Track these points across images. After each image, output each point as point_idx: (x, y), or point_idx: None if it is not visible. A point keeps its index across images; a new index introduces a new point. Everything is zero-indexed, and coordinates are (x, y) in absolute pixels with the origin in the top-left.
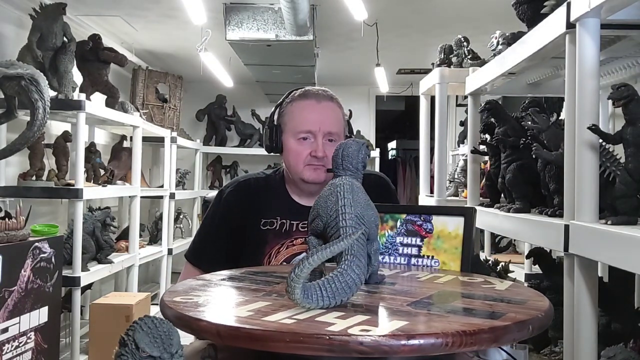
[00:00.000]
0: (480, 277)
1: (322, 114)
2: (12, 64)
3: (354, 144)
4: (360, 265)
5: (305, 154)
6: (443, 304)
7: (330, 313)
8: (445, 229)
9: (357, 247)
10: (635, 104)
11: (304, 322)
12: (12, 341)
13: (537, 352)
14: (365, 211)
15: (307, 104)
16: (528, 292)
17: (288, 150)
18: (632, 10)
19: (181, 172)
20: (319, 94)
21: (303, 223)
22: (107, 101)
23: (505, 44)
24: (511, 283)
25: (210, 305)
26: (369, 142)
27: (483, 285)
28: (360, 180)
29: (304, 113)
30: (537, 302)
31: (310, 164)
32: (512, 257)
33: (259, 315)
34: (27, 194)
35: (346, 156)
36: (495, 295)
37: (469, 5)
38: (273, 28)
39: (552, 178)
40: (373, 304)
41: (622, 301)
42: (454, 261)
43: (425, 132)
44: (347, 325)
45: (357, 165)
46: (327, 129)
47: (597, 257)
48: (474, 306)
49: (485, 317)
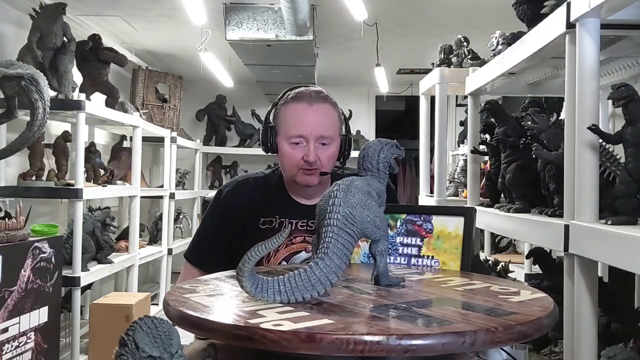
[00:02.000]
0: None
1: (314, 118)
2: (12, 64)
3: (374, 144)
4: (331, 264)
5: (298, 159)
6: (397, 310)
7: (280, 308)
8: (445, 229)
9: (333, 245)
10: (635, 104)
11: (252, 316)
12: (12, 341)
13: (537, 352)
14: (357, 211)
15: (299, 107)
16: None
17: (282, 154)
18: (632, 10)
19: (181, 172)
20: (311, 95)
21: (302, 222)
22: (107, 101)
23: (505, 44)
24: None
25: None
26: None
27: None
28: (384, 181)
29: (295, 117)
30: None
31: (303, 168)
32: (512, 257)
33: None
34: (27, 194)
35: (365, 156)
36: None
37: (469, 5)
38: (273, 28)
39: (552, 178)
40: (342, 303)
41: (622, 301)
42: (454, 261)
43: (425, 132)
44: (272, 318)
45: (378, 165)
46: (319, 132)
47: (597, 257)
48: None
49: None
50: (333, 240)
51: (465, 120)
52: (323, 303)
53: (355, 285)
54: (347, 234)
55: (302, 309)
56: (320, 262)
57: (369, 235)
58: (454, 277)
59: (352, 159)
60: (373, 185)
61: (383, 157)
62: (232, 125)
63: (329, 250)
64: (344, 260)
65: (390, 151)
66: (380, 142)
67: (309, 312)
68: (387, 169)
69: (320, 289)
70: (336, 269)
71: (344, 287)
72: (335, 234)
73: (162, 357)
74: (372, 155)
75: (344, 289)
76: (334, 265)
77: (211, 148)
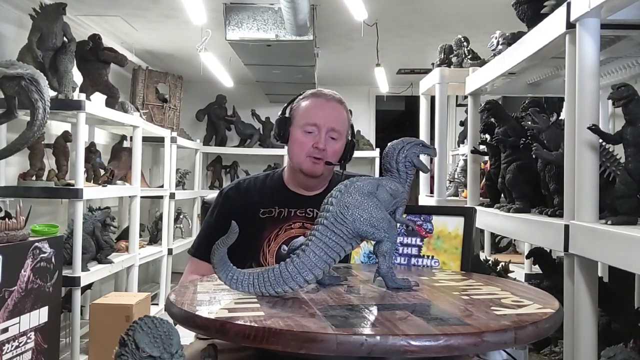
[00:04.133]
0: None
1: (329, 112)
2: (12, 64)
3: (394, 143)
4: (307, 262)
5: (308, 146)
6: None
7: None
8: (445, 229)
9: (313, 244)
10: (635, 104)
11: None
12: (12, 341)
13: (537, 352)
14: (349, 211)
15: (317, 101)
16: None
17: (293, 141)
18: (632, 10)
19: (181, 172)
20: (329, 95)
21: (300, 210)
22: (107, 101)
23: (505, 44)
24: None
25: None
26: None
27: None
28: (405, 181)
29: (312, 108)
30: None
31: (312, 155)
32: (512, 257)
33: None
34: (27, 194)
35: (385, 156)
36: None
37: (469, 5)
38: (273, 28)
39: (552, 178)
40: (314, 300)
41: (622, 301)
42: (454, 261)
43: (425, 132)
44: (222, 307)
45: (397, 165)
46: (331, 125)
47: (597, 257)
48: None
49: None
50: (315, 239)
51: (465, 120)
52: (299, 298)
53: (352, 285)
54: (333, 233)
55: (265, 303)
56: (296, 259)
57: (366, 235)
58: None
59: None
60: (387, 185)
61: (403, 157)
62: (232, 125)
63: (308, 248)
64: (325, 259)
65: (412, 150)
66: (402, 142)
67: (258, 305)
68: (409, 169)
69: (293, 285)
70: (312, 266)
71: (333, 287)
72: (320, 233)
73: (162, 357)
74: (391, 155)
75: (333, 288)
76: (310, 263)
77: (211, 148)
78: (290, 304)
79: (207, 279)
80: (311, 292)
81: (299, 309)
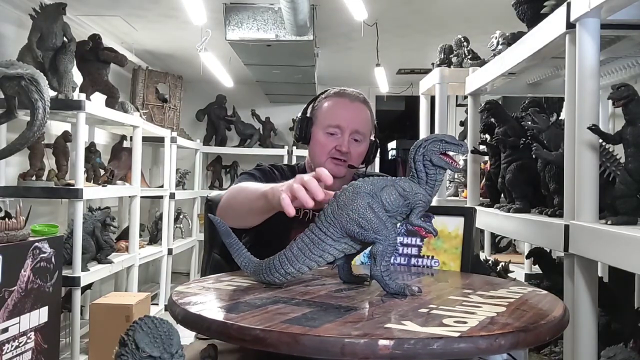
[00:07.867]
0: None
1: (353, 113)
2: (12, 64)
3: (420, 140)
4: (289, 256)
5: (331, 147)
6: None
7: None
8: (445, 229)
9: (300, 240)
10: (635, 104)
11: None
12: (12, 341)
13: (537, 352)
14: (338, 211)
15: (341, 101)
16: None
17: (315, 142)
18: (632, 10)
19: (181, 172)
20: (353, 94)
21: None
22: (107, 101)
23: (505, 44)
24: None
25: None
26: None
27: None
28: (423, 180)
29: (336, 109)
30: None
31: (334, 157)
32: (512, 257)
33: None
34: (27, 194)
35: (409, 154)
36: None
37: (469, 5)
38: (273, 28)
39: (552, 178)
40: (285, 296)
41: (622, 301)
42: (454, 261)
43: (425, 132)
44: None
45: (415, 165)
46: (355, 127)
47: (597, 257)
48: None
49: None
50: (302, 236)
51: (465, 120)
52: (307, 299)
53: (337, 283)
54: (320, 230)
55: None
56: (283, 252)
57: (355, 235)
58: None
59: None
60: (399, 186)
61: (421, 156)
62: (232, 125)
63: (294, 243)
64: (308, 255)
65: (431, 147)
66: (427, 138)
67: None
68: (428, 169)
69: (277, 276)
70: (293, 261)
71: (321, 284)
72: (309, 231)
73: (162, 357)
74: (410, 154)
75: (320, 285)
76: (292, 257)
77: (211, 148)
78: (297, 304)
79: (210, 280)
80: (325, 288)
81: (305, 309)
